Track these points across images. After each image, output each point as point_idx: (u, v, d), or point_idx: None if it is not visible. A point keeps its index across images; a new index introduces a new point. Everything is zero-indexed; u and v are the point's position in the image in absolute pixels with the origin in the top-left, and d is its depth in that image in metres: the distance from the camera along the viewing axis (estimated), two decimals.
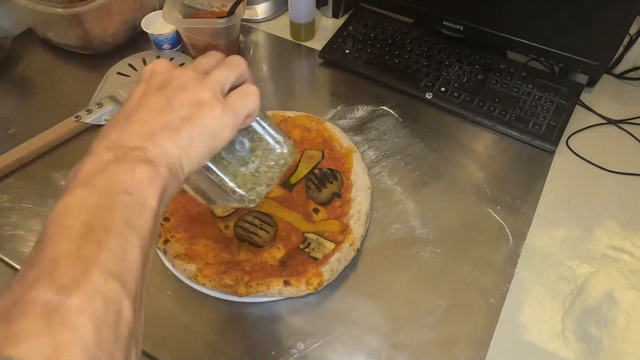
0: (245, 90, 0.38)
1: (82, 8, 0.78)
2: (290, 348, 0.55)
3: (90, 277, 0.26)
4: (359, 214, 0.63)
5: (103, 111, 0.77)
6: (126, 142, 0.32)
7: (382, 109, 0.79)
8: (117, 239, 0.28)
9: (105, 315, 0.25)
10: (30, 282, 0.25)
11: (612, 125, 0.78)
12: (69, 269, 0.26)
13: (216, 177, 0.41)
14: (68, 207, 0.28)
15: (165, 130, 0.33)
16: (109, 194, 0.29)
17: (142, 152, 0.32)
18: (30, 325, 0.23)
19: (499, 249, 0.63)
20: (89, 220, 0.28)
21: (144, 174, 0.31)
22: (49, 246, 0.27)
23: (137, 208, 0.30)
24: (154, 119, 0.33)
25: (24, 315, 0.24)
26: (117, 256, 0.27)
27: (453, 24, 0.82)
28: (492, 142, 0.76)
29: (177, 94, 0.35)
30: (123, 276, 0.27)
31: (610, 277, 0.59)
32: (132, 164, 0.31)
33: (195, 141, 0.34)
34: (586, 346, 0.55)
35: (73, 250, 0.26)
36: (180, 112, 0.34)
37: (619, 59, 0.84)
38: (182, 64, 0.85)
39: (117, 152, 0.31)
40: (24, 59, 0.87)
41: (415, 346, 0.55)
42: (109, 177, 0.30)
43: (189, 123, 0.34)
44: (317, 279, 0.57)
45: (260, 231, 0.62)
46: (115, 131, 0.33)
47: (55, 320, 0.24)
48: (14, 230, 0.65)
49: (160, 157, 0.32)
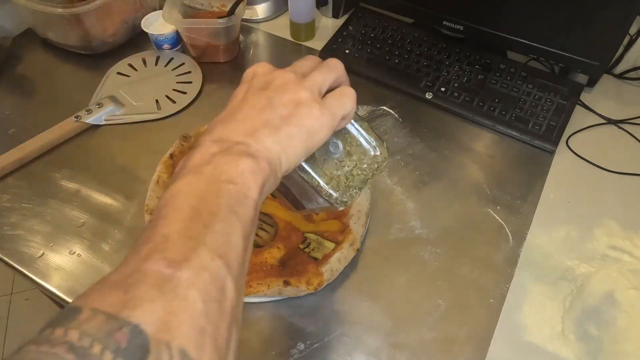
0: (342, 92, 0.39)
1: (82, 8, 0.78)
2: (290, 348, 0.55)
3: (198, 254, 0.27)
4: (359, 214, 0.63)
5: (103, 111, 0.77)
6: (230, 137, 0.34)
7: (382, 109, 0.79)
8: (222, 223, 0.30)
9: (211, 290, 0.27)
10: (143, 256, 0.27)
11: (612, 125, 0.78)
12: (179, 245, 0.28)
13: (310, 178, 0.41)
14: (178, 191, 0.31)
15: (266, 128, 0.35)
16: (215, 182, 0.31)
17: (245, 147, 0.34)
18: (145, 292, 0.25)
19: (499, 249, 0.63)
20: (196, 205, 0.30)
21: (247, 167, 0.32)
22: (161, 226, 0.29)
23: (240, 197, 0.32)
24: (256, 117, 0.35)
25: (139, 284, 0.25)
26: (222, 238, 0.29)
27: (453, 24, 0.82)
28: (492, 142, 0.76)
29: (277, 94, 0.36)
30: (227, 257, 0.29)
31: (610, 277, 0.59)
32: (236, 157, 0.33)
33: (294, 139, 0.36)
34: (586, 346, 0.55)
35: (182, 230, 0.28)
36: (281, 111, 0.36)
37: (619, 59, 0.84)
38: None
39: (222, 145, 0.34)
40: (24, 59, 0.87)
41: (415, 346, 0.55)
42: (215, 167, 0.32)
43: (288, 122, 0.36)
44: (317, 279, 0.57)
45: (260, 231, 0.62)
46: (220, 127, 0.35)
47: (167, 290, 0.26)
48: (14, 230, 0.65)
49: (262, 153, 0.34)
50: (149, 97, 0.80)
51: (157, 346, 0.24)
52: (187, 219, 0.29)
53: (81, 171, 0.71)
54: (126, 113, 0.78)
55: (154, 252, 0.27)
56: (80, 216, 0.66)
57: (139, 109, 0.79)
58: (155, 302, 0.25)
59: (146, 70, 0.85)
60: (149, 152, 0.72)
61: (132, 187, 0.69)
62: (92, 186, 0.69)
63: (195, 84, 0.82)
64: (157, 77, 0.84)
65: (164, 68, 0.85)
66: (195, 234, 0.28)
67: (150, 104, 0.79)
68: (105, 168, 0.71)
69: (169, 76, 0.84)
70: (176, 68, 0.85)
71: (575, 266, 0.61)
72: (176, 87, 0.82)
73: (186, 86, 0.82)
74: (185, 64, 0.85)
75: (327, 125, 0.37)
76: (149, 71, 0.85)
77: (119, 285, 0.26)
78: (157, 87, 0.82)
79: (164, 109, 0.79)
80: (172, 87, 0.82)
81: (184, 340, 0.25)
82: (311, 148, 0.37)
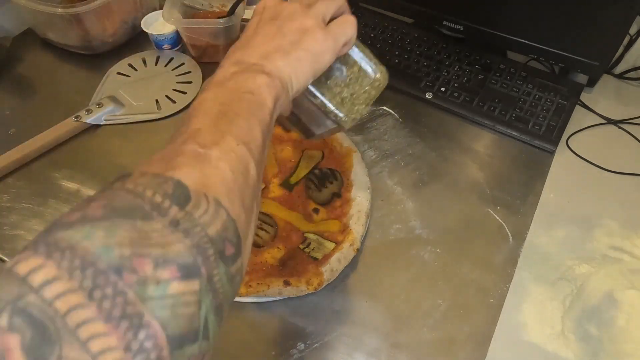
0: (344, 19, 0.43)
1: (82, 8, 0.78)
2: (290, 348, 0.55)
3: (225, 140, 0.33)
4: (359, 214, 0.63)
5: (103, 111, 0.77)
6: (247, 59, 0.40)
7: (382, 109, 0.79)
8: (244, 120, 0.35)
9: (238, 166, 0.32)
10: (180, 142, 0.32)
11: (612, 125, 0.78)
12: (209, 134, 0.33)
13: (317, 100, 0.46)
14: (206, 99, 0.36)
15: (278, 52, 0.40)
16: (236, 92, 0.37)
17: (261, 67, 0.39)
18: (183, 161, 0.30)
19: (499, 249, 0.63)
20: (222, 108, 0.35)
21: (263, 82, 0.38)
22: (193, 123, 0.34)
23: (258, 104, 0.37)
24: (269, 43, 0.40)
25: (178, 157, 0.31)
26: (244, 131, 0.34)
27: (453, 24, 0.82)
28: (492, 142, 0.76)
29: (286, 23, 0.41)
30: (250, 145, 0.34)
31: (610, 277, 0.59)
32: (254, 74, 0.38)
33: (302, 62, 0.40)
34: (586, 346, 0.55)
35: (212, 124, 0.34)
36: (290, 37, 0.41)
37: (619, 59, 0.84)
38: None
39: (241, 66, 0.39)
40: (24, 59, 0.87)
41: (415, 346, 0.55)
42: (236, 82, 0.37)
43: (297, 46, 0.40)
44: (317, 279, 0.57)
45: (260, 231, 0.62)
46: (237, 52, 0.41)
47: (202, 161, 0.31)
48: (14, 230, 0.65)
49: (275, 72, 0.39)
50: (149, 97, 0.80)
51: (196, 195, 0.28)
52: (215, 117, 0.34)
53: (81, 171, 0.71)
54: (126, 113, 0.78)
55: (189, 139, 0.32)
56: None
57: (139, 109, 0.79)
58: (193, 167, 0.30)
59: (146, 70, 0.85)
60: (149, 152, 0.71)
61: None
62: (92, 186, 0.69)
63: (195, 84, 0.82)
64: (157, 77, 0.84)
65: (164, 68, 0.85)
66: (222, 127, 0.34)
67: (150, 104, 0.79)
68: (105, 168, 0.71)
69: (169, 76, 0.84)
70: (176, 68, 0.85)
71: (575, 266, 0.61)
72: (176, 87, 0.82)
73: (186, 86, 0.82)
74: (185, 64, 0.85)
75: (331, 49, 0.42)
76: (149, 71, 0.85)
77: (161, 160, 0.31)
78: (157, 87, 0.82)
79: (164, 109, 0.79)
80: (172, 87, 0.82)
81: (218, 193, 0.30)
82: (318, 70, 0.42)
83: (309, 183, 0.67)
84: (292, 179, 0.68)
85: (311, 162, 0.69)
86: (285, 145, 0.72)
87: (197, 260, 0.26)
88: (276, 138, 0.72)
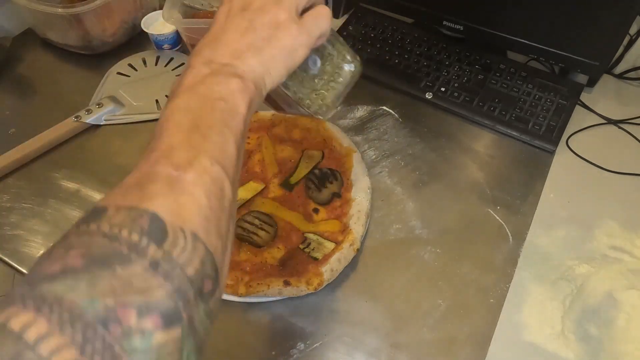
0: (318, 12, 0.41)
1: (82, 8, 0.78)
2: (290, 348, 0.55)
3: (199, 160, 0.32)
4: (359, 214, 0.63)
5: (103, 111, 0.77)
6: (218, 59, 0.37)
7: (382, 109, 0.79)
8: (217, 135, 0.34)
9: (213, 189, 0.32)
10: (152, 162, 0.31)
11: (612, 125, 0.78)
12: (182, 152, 0.32)
13: (291, 92, 0.45)
14: (177, 108, 0.35)
15: (250, 50, 0.38)
16: (208, 100, 0.35)
17: (233, 69, 0.37)
18: (158, 189, 0.30)
19: (499, 249, 0.63)
20: (194, 119, 0.34)
21: (236, 86, 0.36)
22: (165, 137, 0.33)
23: (231, 113, 0.35)
24: (240, 39, 0.38)
25: (152, 183, 0.30)
26: (218, 147, 0.33)
27: (453, 24, 0.82)
28: (492, 142, 0.76)
29: (258, 16, 0.39)
30: (224, 162, 0.33)
31: (610, 277, 0.59)
32: (226, 78, 0.36)
33: (276, 59, 0.39)
34: (586, 346, 0.55)
35: (184, 140, 0.33)
36: (262, 32, 0.39)
37: (619, 59, 0.84)
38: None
39: (212, 67, 0.37)
40: (24, 59, 0.87)
41: (415, 346, 0.55)
42: (208, 87, 0.36)
43: (270, 43, 0.39)
44: (317, 279, 0.57)
45: (260, 231, 0.62)
46: (207, 49, 0.38)
47: (176, 188, 0.30)
48: (14, 230, 0.65)
49: (248, 74, 0.37)
50: (149, 97, 0.80)
51: (173, 230, 0.28)
52: (187, 131, 0.33)
53: (81, 171, 0.71)
54: (126, 113, 0.78)
55: (162, 158, 0.31)
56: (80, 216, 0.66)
57: (139, 109, 0.79)
58: (168, 196, 0.29)
59: (146, 70, 0.85)
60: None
61: None
62: (92, 186, 0.69)
63: None
64: (157, 77, 0.84)
65: (164, 68, 0.85)
66: (195, 144, 0.32)
67: (150, 104, 0.79)
68: (105, 168, 0.71)
69: (169, 76, 0.84)
70: (176, 68, 0.85)
71: (575, 266, 0.61)
72: None
73: None
74: (185, 64, 0.85)
75: (305, 44, 0.40)
76: (149, 71, 0.85)
77: (135, 186, 0.30)
78: (157, 87, 0.82)
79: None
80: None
81: (194, 226, 0.29)
82: (291, 67, 0.40)
83: (309, 183, 0.67)
84: (292, 179, 0.68)
85: (311, 162, 0.69)
86: (285, 145, 0.72)
87: (178, 305, 0.26)
88: (276, 138, 0.72)
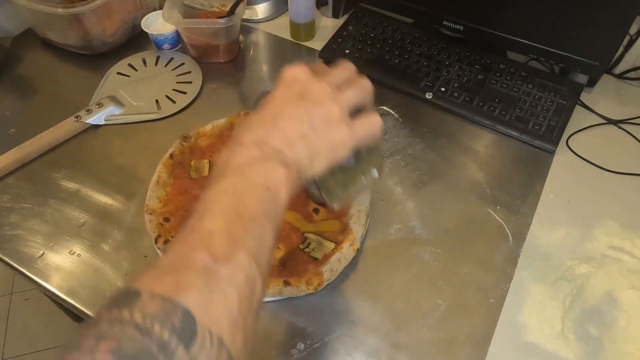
0: (371, 121, 0.42)
1: (82, 8, 0.78)
2: (290, 348, 0.55)
3: (237, 255, 0.33)
4: (359, 214, 0.63)
5: (103, 111, 0.77)
6: (270, 141, 0.39)
7: (382, 109, 0.79)
8: (258, 228, 0.35)
9: (245, 289, 0.32)
10: (191, 245, 0.33)
11: (612, 125, 0.78)
12: (222, 243, 0.33)
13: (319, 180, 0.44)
14: (223, 191, 0.36)
15: (302, 140, 0.39)
16: (255, 187, 0.36)
17: (283, 156, 0.38)
18: (193, 279, 0.30)
19: (499, 249, 0.63)
20: (238, 206, 0.35)
21: (282, 176, 0.37)
22: (207, 219, 0.34)
23: (274, 204, 0.37)
24: (294, 127, 0.39)
25: (188, 271, 0.31)
26: (257, 242, 0.35)
27: (453, 24, 0.82)
28: (492, 142, 0.76)
29: (314, 109, 0.40)
30: (259, 259, 0.34)
31: (610, 277, 0.59)
32: (274, 165, 0.37)
33: (321, 153, 0.40)
34: (586, 346, 0.55)
35: (226, 229, 0.34)
36: (315, 125, 0.40)
37: (619, 59, 0.84)
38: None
39: (263, 150, 0.38)
40: (24, 59, 0.87)
41: (415, 346, 0.55)
42: (256, 173, 0.37)
43: (320, 137, 0.40)
44: (317, 279, 0.57)
45: None
46: (261, 129, 0.39)
47: (211, 282, 0.31)
48: (14, 230, 0.65)
49: (294, 164, 0.39)
50: (149, 97, 0.80)
51: (202, 332, 0.29)
52: (229, 219, 0.34)
53: (81, 171, 0.71)
54: (126, 113, 0.78)
55: (201, 244, 0.32)
56: (80, 216, 0.66)
57: (139, 109, 0.79)
58: (202, 291, 0.30)
59: (146, 70, 0.85)
60: (149, 152, 0.72)
61: (132, 187, 0.69)
62: (92, 186, 0.69)
63: (195, 84, 0.82)
64: (157, 77, 0.84)
65: (164, 68, 0.85)
66: (236, 235, 0.34)
67: (150, 104, 0.79)
68: (105, 168, 0.71)
69: (169, 76, 0.84)
70: (176, 68, 0.85)
71: (575, 266, 0.61)
72: (176, 87, 0.82)
73: (186, 86, 0.82)
74: (185, 64, 0.85)
75: (351, 145, 0.41)
76: (149, 71, 0.85)
77: (171, 270, 0.31)
78: (157, 87, 0.82)
79: (164, 109, 0.79)
80: (172, 87, 0.82)
81: (222, 330, 0.30)
82: (333, 163, 0.41)
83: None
84: None
85: None
86: None
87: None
88: None
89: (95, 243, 0.63)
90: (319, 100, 0.40)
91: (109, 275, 0.60)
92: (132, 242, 0.63)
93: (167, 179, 0.67)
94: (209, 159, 0.70)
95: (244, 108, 0.77)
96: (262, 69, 0.88)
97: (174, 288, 0.29)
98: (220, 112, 0.75)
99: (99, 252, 0.63)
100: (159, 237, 0.60)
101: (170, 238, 0.60)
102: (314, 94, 0.40)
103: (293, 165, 0.38)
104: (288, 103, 0.40)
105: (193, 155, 0.70)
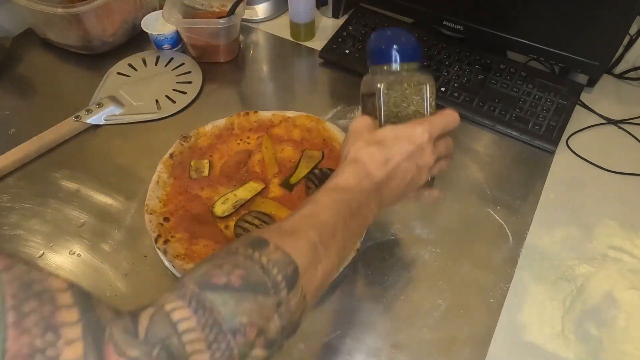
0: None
1: (82, 8, 0.78)
2: (290, 348, 0.55)
3: (332, 252, 0.41)
4: None
5: (103, 111, 0.77)
6: (384, 198, 0.48)
7: None
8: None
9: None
10: (310, 224, 0.42)
11: (612, 125, 0.78)
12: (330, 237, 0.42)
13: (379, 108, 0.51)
14: (326, 206, 0.43)
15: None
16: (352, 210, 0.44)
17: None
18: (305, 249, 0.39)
19: (499, 249, 0.63)
20: (350, 213, 0.44)
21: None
22: (324, 212, 0.43)
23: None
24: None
25: (303, 241, 0.40)
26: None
27: (453, 24, 0.82)
28: (492, 142, 0.76)
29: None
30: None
31: (610, 277, 0.59)
32: (374, 205, 0.47)
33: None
34: (586, 346, 0.55)
35: (335, 227, 0.42)
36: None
37: (619, 59, 0.84)
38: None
39: (375, 190, 0.46)
40: (24, 59, 0.87)
41: (415, 346, 0.55)
42: (362, 204, 0.45)
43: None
44: None
45: None
46: (380, 172, 0.47)
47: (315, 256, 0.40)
48: (14, 230, 0.65)
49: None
50: (149, 97, 0.80)
51: (299, 285, 0.38)
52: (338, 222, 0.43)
53: (81, 171, 0.71)
54: (126, 113, 0.78)
55: (315, 228, 0.41)
56: (80, 216, 0.66)
57: (139, 109, 0.79)
58: (308, 259, 0.39)
59: (146, 70, 0.85)
60: (149, 152, 0.72)
61: (132, 187, 0.69)
62: (92, 186, 0.69)
63: (195, 84, 0.82)
64: (157, 77, 0.84)
65: (164, 68, 0.85)
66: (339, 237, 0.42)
67: (150, 104, 0.79)
68: (105, 168, 0.71)
69: (169, 76, 0.84)
70: (176, 68, 0.85)
71: (575, 266, 0.61)
72: (176, 87, 0.82)
73: (186, 86, 0.82)
74: (185, 64, 0.85)
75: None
76: (149, 71, 0.85)
77: (292, 234, 0.40)
78: (157, 87, 0.82)
79: (164, 109, 0.79)
80: (172, 87, 0.82)
81: (309, 291, 0.39)
82: None
83: (309, 183, 0.67)
84: (292, 179, 0.68)
85: (311, 162, 0.69)
86: (285, 145, 0.72)
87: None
88: (276, 138, 0.72)
89: (95, 243, 0.63)
90: (422, 169, 0.49)
91: (109, 275, 0.60)
92: (132, 242, 0.64)
93: (167, 179, 0.67)
94: (208, 159, 0.70)
95: (244, 108, 0.77)
96: (262, 69, 0.88)
97: (292, 247, 0.38)
98: (220, 112, 0.75)
99: (99, 252, 0.63)
100: (159, 237, 0.60)
101: (170, 238, 0.60)
102: (422, 162, 0.49)
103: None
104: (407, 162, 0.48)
105: (193, 155, 0.70)
